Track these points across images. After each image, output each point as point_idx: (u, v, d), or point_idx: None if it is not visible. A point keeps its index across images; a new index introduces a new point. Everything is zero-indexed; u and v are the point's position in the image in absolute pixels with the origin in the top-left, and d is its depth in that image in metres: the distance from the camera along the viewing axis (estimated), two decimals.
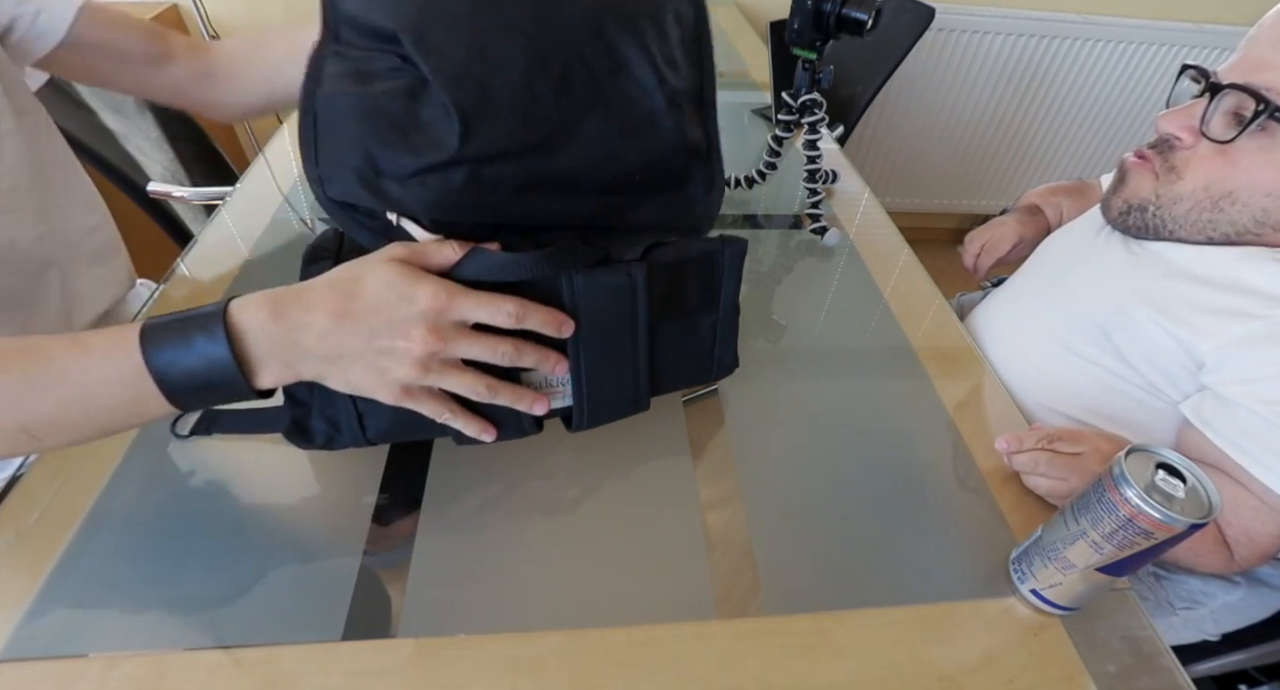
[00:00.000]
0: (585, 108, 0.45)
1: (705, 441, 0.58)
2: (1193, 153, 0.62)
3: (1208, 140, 0.61)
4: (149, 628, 0.43)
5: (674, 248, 0.50)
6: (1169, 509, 0.39)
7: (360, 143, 0.41)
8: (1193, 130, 0.62)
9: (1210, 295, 0.60)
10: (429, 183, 0.41)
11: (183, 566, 0.46)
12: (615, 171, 0.46)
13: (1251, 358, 0.56)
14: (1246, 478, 0.55)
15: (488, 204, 0.43)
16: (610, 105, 0.45)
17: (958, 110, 1.90)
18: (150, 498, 0.50)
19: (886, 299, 0.76)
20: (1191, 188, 0.62)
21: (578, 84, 0.44)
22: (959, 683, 0.43)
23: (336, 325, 0.39)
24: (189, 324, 0.39)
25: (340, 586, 0.46)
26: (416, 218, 0.43)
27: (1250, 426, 0.55)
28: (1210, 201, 0.61)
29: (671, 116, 0.47)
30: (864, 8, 0.68)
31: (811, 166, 0.82)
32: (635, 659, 0.43)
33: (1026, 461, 0.54)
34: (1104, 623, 0.47)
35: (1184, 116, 0.62)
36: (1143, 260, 0.66)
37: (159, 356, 0.38)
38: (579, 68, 0.44)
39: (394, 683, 0.41)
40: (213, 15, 1.56)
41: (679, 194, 0.50)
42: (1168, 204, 0.64)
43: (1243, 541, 0.56)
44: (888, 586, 0.49)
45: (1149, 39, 1.77)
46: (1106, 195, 0.70)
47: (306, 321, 0.39)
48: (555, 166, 0.44)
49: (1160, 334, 0.61)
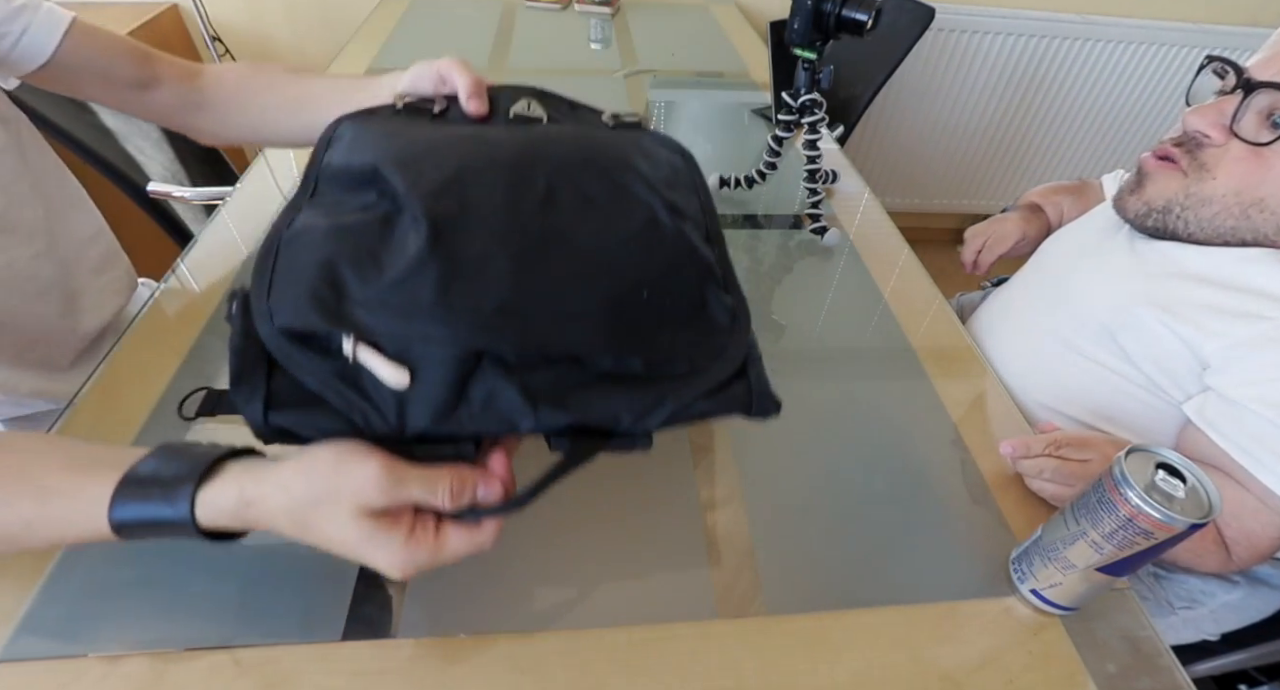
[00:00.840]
0: (576, 216, 0.40)
1: (705, 442, 0.58)
2: (1224, 152, 0.60)
3: (1238, 140, 0.58)
4: (149, 628, 0.43)
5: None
6: (1169, 509, 0.39)
7: (324, 263, 0.37)
8: (1223, 129, 0.59)
9: (1217, 295, 0.59)
10: (392, 302, 0.36)
11: (183, 566, 0.46)
12: (616, 284, 0.40)
13: (1259, 360, 0.56)
14: (1248, 479, 0.55)
15: (465, 325, 0.36)
16: (604, 212, 0.41)
17: (958, 110, 1.90)
18: None
19: (886, 299, 0.76)
20: (1223, 190, 0.60)
21: (565, 198, 0.40)
22: (959, 683, 0.43)
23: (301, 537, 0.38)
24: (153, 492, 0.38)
25: (340, 586, 0.46)
26: (380, 345, 0.36)
27: (1255, 429, 0.55)
28: (1240, 208, 0.59)
29: (674, 221, 0.42)
30: (864, 8, 0.68)
31: (811, 166, 0.82)
32: (635, 659, 0.43)
33: (1031, 467, 0.54)
34: (1104, 623, 0.47)
35: (1215, 114, 0.59)
36: (1148, 260, 0.66)
37: (122, 511, 0.37)
38: (567, 187, 0.41)
39: (394, 683, 0.41)
40: (213, 15, 1.56)
41: (700, 319, 0.43)
42: (1195, 205, 0.62)
43: (1241, 542, 0.56)
44: (888, 586, 0.49)
45: (1149, 39, 1.77)
46: (1122, 195, 0.68)
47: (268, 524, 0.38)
48: (543, 281, 0.38)
49: (1166, 334, 0.61)
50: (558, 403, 0.38)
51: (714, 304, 0.43)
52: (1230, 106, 0.59)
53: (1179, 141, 0.63)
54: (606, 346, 0.39)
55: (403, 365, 0.36)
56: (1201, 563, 0.58)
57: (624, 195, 0.43)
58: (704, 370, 0.41)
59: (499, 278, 0.37)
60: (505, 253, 0.38)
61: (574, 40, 1.39)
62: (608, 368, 0.39)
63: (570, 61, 1.31)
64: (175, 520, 0.37)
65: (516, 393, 0.37)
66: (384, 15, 1.44)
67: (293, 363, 0.36)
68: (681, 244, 0.43)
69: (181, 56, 0.67)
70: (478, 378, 0.37)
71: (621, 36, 1.43)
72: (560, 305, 0.38)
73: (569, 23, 1.47)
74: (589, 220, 0.41)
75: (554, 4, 1.53)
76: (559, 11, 1.52)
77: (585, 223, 0.40)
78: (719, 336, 0.43)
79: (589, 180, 0.42)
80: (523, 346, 0.37)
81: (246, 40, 1.65)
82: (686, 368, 0.41)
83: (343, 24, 1.60)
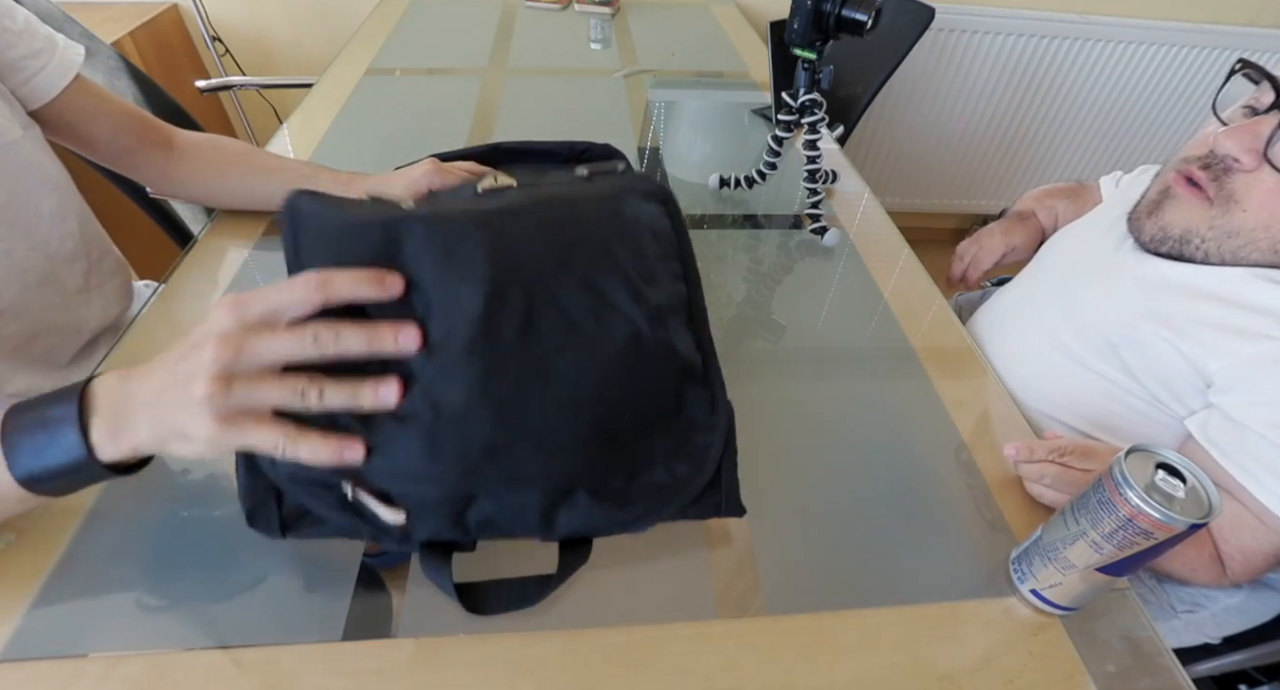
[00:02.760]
0: (556, 342, 0.40)
1: None
2: (1255, 180, 0.55)
3: (1272, 168, 0.54)
4: (149, 628, 0.43)
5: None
6: (1169, 509, 0.39)
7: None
8: (1256, 153, 0.54)
9: (1223, 313, 0.58)
10: (384, 452, 0.38)
11: (183, 566, 0.46)
12: (599, 412, 0.41)
13: (1264, 380, 0.55)
14: (1248, 498, 0.55)
15: (454, 473, 0.39)
16: (584, 335, 0.41)
17: (958, 110, 1.90)
18: (150, 498, 0.50)
19: (886, 299, 0.76)
20: (1252, 224, 0.56)
21: (545, 320, 0.40)
22: (959, 683, 0.43)
23: (156, 367, 0.39)
24: (49, 398, 0.39)
25: (340, 586, 0.46)
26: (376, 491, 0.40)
27: (1257, 450, 0.54)
28: (1270, 243, 0.55)
29: (655, 332, 0.43)
30: (864, 8, 0.68)
31: (811, 166, 0.82)
32: (635, 659, 0.43)
33: (1033, 471, 0.53)
34: (1104, 623, 0.47)
35: (1249, 136, 0.54)
36: (1153, 274, 0.64)
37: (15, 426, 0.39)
38: (546, 306, 0.40)
39: (394, 683, 0.41)
40: (213, 15, 1.56)
41: (678, 421, 0.45)
42: (1218, 237, 0.58)
43: (1237, 559, 0.56)
44: (888, 586, 0.49)
45: (1149, 39, 1.77)
46: (1138, 214, 0.65)
47: (137, 374, 0.39)
48: (526, 419, 0.39)
49: (1169, 351, 0.60)
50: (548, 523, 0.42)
51: (692, 402, 0.46)
52: (1267, 129, 0.54)
53: (1206, 163, 0.58)
54: (590, 471, 0.42)
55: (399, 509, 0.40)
56: (1195, 576, 0.58)
57: (604, 310, 0.42)
58: (684, 483, 0.44)
59: (482, 423, 0.39)
60: (487, 396, 0.39)
61: (574, 40, 1.39)
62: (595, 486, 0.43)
63: (570, 61, 1.31)
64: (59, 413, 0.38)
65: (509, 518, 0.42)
66: (384, 15, 1.44)
67: (298, 498, 0.41)
68: (663, 357, 0.44)
69: (182, 56, 0.69)
70: (472, 508, 0.41)
71: (621, 36, 1.43)
72: (544, 439, 0.40)
73: (569, 23, 1.47)
74: (570, 346, 0.40)
75: (554, 4, 1.53)
76: (559, 11, 1.52)
77: (566, 350, 0.40)
78: (698, 434, 0.45)
79: (568, 292, 0.41)
80: (510, 484, 0.41)
81: (246, 40, 1.65)
82: (666, 477, 0.44)
83: (343, 24, 1.60)
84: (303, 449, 0.37)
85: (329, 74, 1.17)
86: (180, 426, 0.37)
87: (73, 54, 0.66)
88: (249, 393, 0.36)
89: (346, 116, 1.03)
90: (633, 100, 1.16)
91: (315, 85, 1.13)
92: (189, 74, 1.54)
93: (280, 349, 0.36)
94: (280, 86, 1.66)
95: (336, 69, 1.19)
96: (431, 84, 1.17)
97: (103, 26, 1.35)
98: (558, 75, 1.23)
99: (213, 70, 1.66)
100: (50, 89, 0.64)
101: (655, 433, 0.44)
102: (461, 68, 1.22)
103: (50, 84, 0.64)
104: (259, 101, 1.72)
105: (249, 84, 1.55)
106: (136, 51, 1.40)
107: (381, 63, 1.22)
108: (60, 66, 0.64)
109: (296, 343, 0.36)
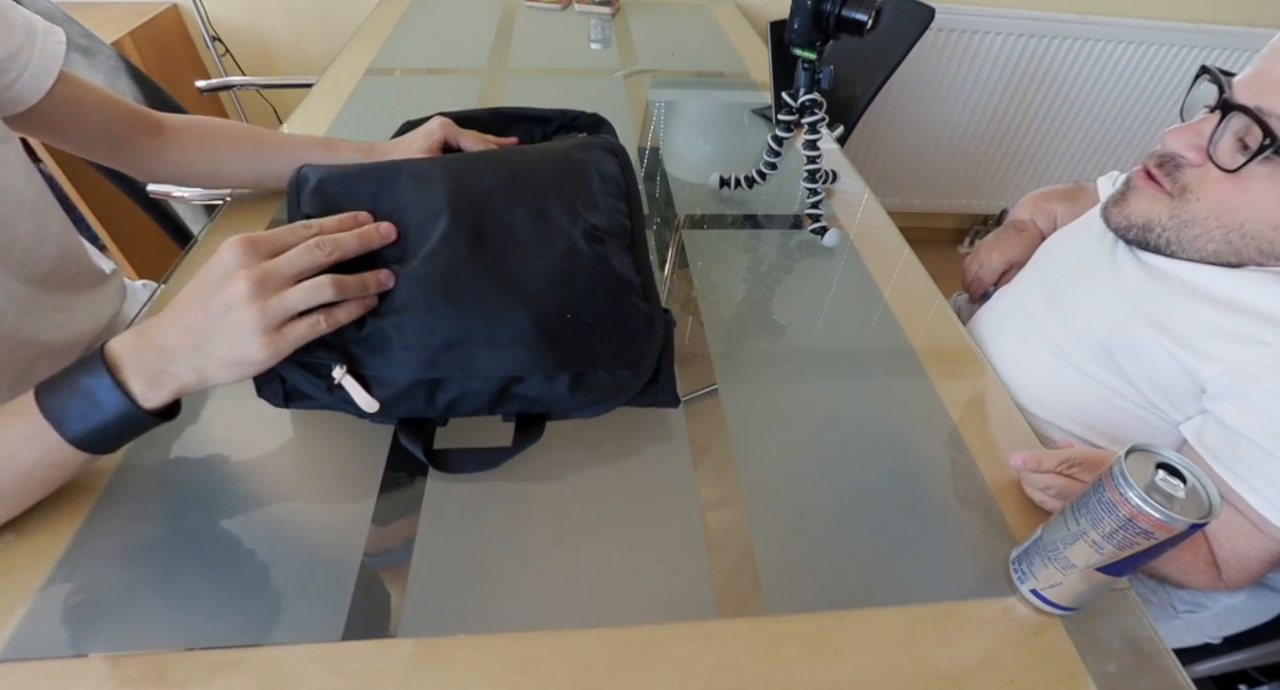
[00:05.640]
0: (503, 253, 0.50)
1: (705, 441, 0.58)
2: (1203, 173, 0.58)
3: (1213, 164, 0.57)
4: (149, 628, 0.43)
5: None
6: (1169, 509, 0.39)
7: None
8: (1199, 150, 0.58)
9: (1218, 316, 0.58)
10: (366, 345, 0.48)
11: (183, 566, 0.46)
12: (542, 310, 0.49)
13: (1258, 387, 0.55)
14: (1244, 506, 0.55)
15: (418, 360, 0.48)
16: (526, 246, 0.51)
17: (958, 110, 1.90)
18: (150, 498, 0.50)
19: (886, 299, 0.76)
20: (1205, 213, 0.59)
21: (493, 234, 0.51)
22: (959, 683, 0.43)
23: (181, 312, 0.44)
24: (72, 369, 0.43)
25: (340, 586, 0.46)
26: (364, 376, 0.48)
27: (1252, 457, 0.55)
28: (1221, 232, 0.58)
29: (591, 247, 0.52)
30: (864, 8, 0.68)
31: (811, 166, 0.82)
32: (635, 659, 0.43)
33: (1039, 482, 0.53)
34: (1104, 623, 0.47)
35: (1192, 135, 0.58)
36: (1149, 277, 0.64)
37: (52, 401, 0.43)
38: (495, 223, 0.51)
39: (394, 683, 0.41)
40: (213, 15, 1.56)
41: (620, 328, 0.52)
42: (1178, 226, 0.60)
43: (1233, 564, 0.56)
44: (888, 586, 0.49)
45: (1149, 39, 1.77)
46: (1107, 205, 0.67)
47: (160, 326, 0.44)
48: (480, 316, 0.48)
49: (1163, 355, 0.60)
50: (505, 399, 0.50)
51: (633, 316, 0.53)
52: (1208, 128, 0.57)
53: (1161, 161, 0.62)
54: (538, 365, 0.49)
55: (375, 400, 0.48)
56: (1191, 581, 0.58)
57: (546, 228, 0.52)
58: (624, 384, 0.52)
59: (439, 319, 0.48)
60: (444, 297, 0.48)
61: (574, 40, 1.39)
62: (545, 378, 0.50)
63: (570, 61, 1.31)
64: (95, 383, 0.42)
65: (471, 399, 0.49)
66: (384, 15, 1.44)
67: (296, 381, 0.48)
68: (598, 268, 0.52)
69: (182, 56, 0.68)
70: (440, 391, 0.49)
71: (621, 36, 1.43)
72: (493, 334, 0.48)
73: (569, 22, 1.47)
74: (514, 256, 0.50)
75: (554, 4, 1.53)
76: (559, 11, 1.52)
77: (511, 258, 0.50)
78: (637, 344, 0.53)
79: (515, 214, 0.52)
80: (467, 371, 0.48)
81: (246, 40, 1.65)
82: (609, 379, 0.51)
83: (343, 24, 1.60)
84: (339, 314, 0.46)
85: (329, 74, 1.17)
86: (234, 354, 0.43)
87: (54, 43, 0.60)
88: (281, 304, 0.43)
89: (346, 117, 1.03)
90: (633, 100, 1.16)
91: (315, 85, 1.13)
92: (189, 74, 1.54)
93: (294, 262, 0.44)
94: (280, 86, 1.66)
95: (337, 69, 1.19)
96: (432, 84, 1.17)
97: (103, 26, 1.34)
98: (558, 75, 1.23)
99: (213, 70, 1.66)
100: (36, 90, 0.59)
101: (597, 337, 0.51)
102: (462, 68, 1.23)
103: (35, 85, 0.58)
104: (259, 101, 1.72)
105: (249, 84, 1.55)
106: (136, 51, 1.40)
107: (382, 63, 1.22)
108: (42, 63, 0.59)
109: (305, 253, 0.45)
